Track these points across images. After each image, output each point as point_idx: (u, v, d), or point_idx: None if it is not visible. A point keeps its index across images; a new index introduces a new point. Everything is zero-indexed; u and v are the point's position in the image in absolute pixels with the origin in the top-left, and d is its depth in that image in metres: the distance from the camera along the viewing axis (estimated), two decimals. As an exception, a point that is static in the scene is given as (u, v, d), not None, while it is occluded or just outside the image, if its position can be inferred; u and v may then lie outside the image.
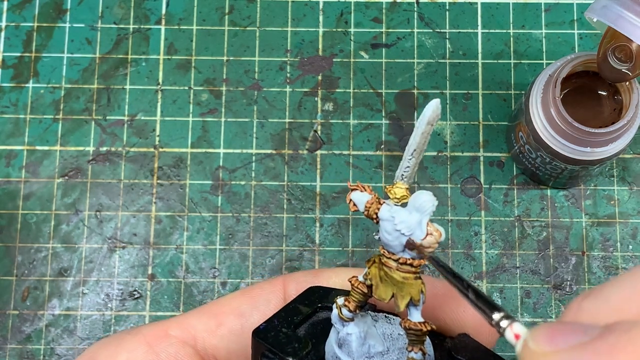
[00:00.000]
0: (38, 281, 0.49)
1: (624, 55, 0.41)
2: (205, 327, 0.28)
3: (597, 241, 0.49)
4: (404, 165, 0.23)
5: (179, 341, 0.27)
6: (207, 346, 0.28)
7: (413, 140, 0.22)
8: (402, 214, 0.22)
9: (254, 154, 0.50)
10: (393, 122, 0.51)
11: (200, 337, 0.27)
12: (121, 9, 0.53)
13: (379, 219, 0.22)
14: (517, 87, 0.51)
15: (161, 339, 0.27)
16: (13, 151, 0.51)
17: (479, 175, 0.50)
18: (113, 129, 0.51)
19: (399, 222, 0.22)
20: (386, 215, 0.22)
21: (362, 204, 0.23)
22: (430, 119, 0.22)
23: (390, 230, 0.22)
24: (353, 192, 0.23)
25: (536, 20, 0.52)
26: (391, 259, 0.22)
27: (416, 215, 0.22)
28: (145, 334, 0.27)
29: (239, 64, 0.52)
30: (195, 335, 0.28)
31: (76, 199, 0.50)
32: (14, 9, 0.52)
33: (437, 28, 0.52)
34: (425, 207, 0.21)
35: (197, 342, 0.27)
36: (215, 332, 0.28)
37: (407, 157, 0.23)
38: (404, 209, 0.22)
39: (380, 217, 0.22)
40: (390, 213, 0.22)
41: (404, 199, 0.23)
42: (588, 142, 0.42)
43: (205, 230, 0.49)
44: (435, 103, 0.22)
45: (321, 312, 0.26)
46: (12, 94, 0.51)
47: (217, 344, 0.28)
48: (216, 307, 0.28)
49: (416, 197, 0.22)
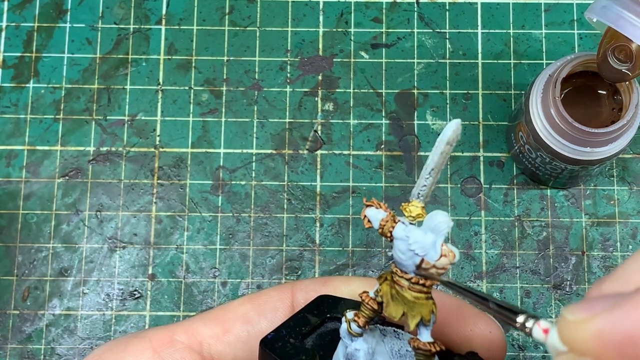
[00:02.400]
0: (38, 281, 0.49)
1: (623, 55, 0.41)
2: (211, 333, 0.28)
3: (597, 241, 0.49)
4: (421, 184, 0.23)
5: (185, 347, 0.27)
6: (213, 352, 0.27)
7: (431, 160, 0.22)
8: (417, 233, 0.22)
9: (254, 154, 0.50)
10: (393, 122, 0.51)
11: (206, 343, 0.27)
12: (121, 9, 0.53)
13: (393, 238, 0.22)
14: (517, 87, 0.51)
15: (167, 344, 0.27)
16: (13, 151, 0.51)
17: (479, 175, 0.50)
18: (113, 129, 0.51)
19: (413, 242, 0.22)
20: (401, 234, 0.22)
21: (377, 221, 0.23)
22: (450, 140, 0.22)
23: (404, 250, 0.22)
24: (368, 209, 0.23)
25: (536, 20, 0.52)
26: (403, 278, 0.22)
27: (431, 236, 0.22)
28: (151, 338, 0.27)
29: (239, 64, 0.52)
30: (202, 341, 0.27)
31: (76, 199, 0.50)
32: (15, 9, 0.52)
33: (437, 28, 0.52)
34: (440, 228, 0.21)
35: (203, 348, 0.27)
36: (221, 339, 0.27)
37: (424, 176, 0.22)
38: (419, 229, 0.22)
39: (395, 235, 0.22)
40: (404, 232, 0.22)
41: (419, 218, 0.23)
42: (588, 142, 0.42)
43: (205, 230, 0.49)
44: (455, 123, 0.22)
45: (330, 323, 0.25)
46: (13, 94, 0.51)
47: (223, 351, 0.27)
48: (223, 313, 0.28)
49: (432, 217, 0.22)
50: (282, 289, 0.28)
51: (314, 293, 0.27)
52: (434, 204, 0.49)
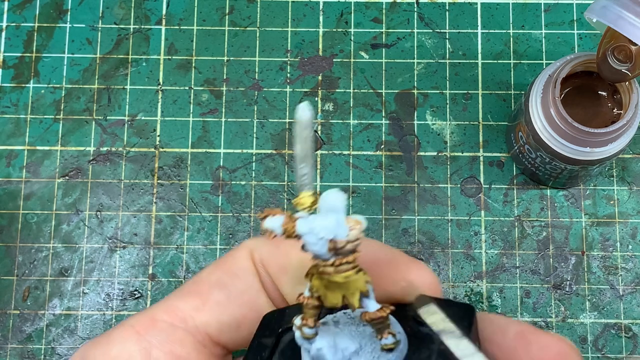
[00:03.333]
0: (39, 281, 0.49)
1: (623, 55, 0.41)
2: (191, 306, 0.28)
3: (596, 241, 0.49)
4: (300, 175, 0.23)
5: (169, 325, 0.27)
6: (198, 324, 0.28)
7: (298, 149, 0.22)
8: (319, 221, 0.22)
9: (254, 154, 0.50)
10: (393, 122, 0.51)
11: (189, 317, 0.28)
12: (122, 9, 0.53)
13: (299, 235, 0.22)
14: (517, 87, 0.51)
15: (150, 326, 0.27)
16: (14, 151, 0.51)
17: (478, 175, 0.50)
18: (113, 129, 0.51)
19: (318, 230, 0.22)
20: (304, 229, 0.22)
21: (278, 227, 0.23)
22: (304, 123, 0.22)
23: (315, 241, 0.22)
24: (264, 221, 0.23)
25: (536, 20, 0.52)
26: (327, 266, 0.22)
27: (332, 217, 0.22)
28: (133, 324, 0.27)
29: (239, 64, 0.52)
30: (184, 317, 0.28)
31: (77, 199, 0.50)
32: (15, 9, 0.53)
33: (437, 28, 0.52)
34: (336, 205, 0.22)
35: (187, 322, 0.27)
36: (202, 309, 0.28)
37: (299, 166, 0.22)
38: (319, 216, 0.22)
39: (300, 233, 0.22)
40: (307, 225, 0.22)
41: (314, 205, 0.23)
42: (588, 142, 0.42)
43: (205, 230, 0.49)
44: (302, 106, 0.22)
45: (285, 336, 0.25)
46: (13, 94, 0.51)
47: (207, 320, 0.28)
48: (197, 286, 0.28)
49: (324, 199, 0.22)
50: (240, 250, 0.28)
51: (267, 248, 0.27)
52: (434, 204, 0.49)
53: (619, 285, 0.48)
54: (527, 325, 0.25)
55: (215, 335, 0.28)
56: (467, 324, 0.23)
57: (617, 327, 0.48)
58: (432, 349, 0.23)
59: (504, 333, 0.25)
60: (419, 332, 0.24)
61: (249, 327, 0.27)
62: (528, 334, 0.25)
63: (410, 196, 0.50)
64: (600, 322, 0.48)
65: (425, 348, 0.23)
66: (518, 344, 0.24)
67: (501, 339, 0.25)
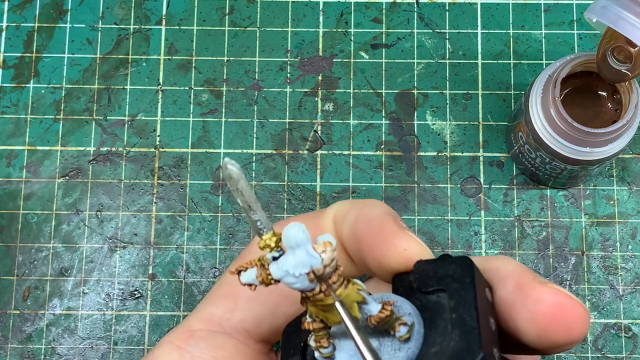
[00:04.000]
0: (39, 281, 0.49)
1: (623, 55, 0.41)
2: (224, 309, 0.28)
3: (596, 241, 0.49)
4: (254, 221, 0.22)
5: (207, 333, 0.27)
6: (235, 324, 0.28)
7: (240, 201, 0.22)
8: (289, 260, 0.22)
9: (254, 154, 0.50)
10: (393, 122, 0.51)
11: (224, 320, 0.28)
12: (122, 10, 0.53)
13: (277, 281, 0.22)
14: (517, 88, 0.51)
15: (189, 338, 0.27)
16: (14, 151, 0.51)
17: (478, 175, 0.50)
18: (113, 129, 0.51)
19: (292, 268, 0.21)
20: (279, 273, 0.22)
21: (254, 279, 0.22)
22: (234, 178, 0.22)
23: (294, 280, 0.22)
24: (240, 278, 0.23)
25: (536, 20, 0.52)
26: (316, 295, 0.22)
27: (300, 251, 0.21)
28: (171, 340, 0.28)
29: (239, 64, 0.52)
30: (219, 321, 0.28)
31: (77, 199, 0.50)
32: (15, 9, 0.53)
33: (437, 28, 0.52)
34: (299, 239, 0.21)
35: (224, 325, 0.28)
36: (236, 308, 0.28)
37: (251, 215, 0.22)
38: (287, 255, 0.22)
39: (277, 278, 0.22)
40: (280, 268, 0.22)
41: (279, 242, 0.22)
42: (587, 142, 0.42)
43: (205, 230, 0.49)
44: (225, 162, 0.21)
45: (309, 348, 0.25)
46: (13, 94, 0.51)
47: (243, 317, 0.28)
48: (225, 287, 0.28)
49: (286, 237, 0.21)
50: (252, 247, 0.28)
51: None
52: (434, 204, 0.49)
53: (619, 285, 0.48)
54: (525, 274, 0.24)
55: (253, 330, 0.28)
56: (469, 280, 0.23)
57: (617, 327, 0.48)
58: (445, 319, 0.23)
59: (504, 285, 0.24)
60: (428, 303, 0.24)
61: (284, 312, 0.28)
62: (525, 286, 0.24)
63: (410, 196, 0.50)
64: (600, 322, 0.48)
65: (439, 319, 0.23)
66: (516, 297, 0.24)
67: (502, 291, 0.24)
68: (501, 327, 0.24)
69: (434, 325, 0.23)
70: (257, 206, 0.22)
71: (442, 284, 0.23)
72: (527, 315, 0.23)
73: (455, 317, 0.22)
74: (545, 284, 0.24)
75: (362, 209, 0.27)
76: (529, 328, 0.23)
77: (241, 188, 0.22)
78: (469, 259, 0.24)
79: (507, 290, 0.24)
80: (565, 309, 0.23)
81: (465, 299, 0.22)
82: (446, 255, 0.24)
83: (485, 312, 0.23)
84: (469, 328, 0.22)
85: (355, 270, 0.28)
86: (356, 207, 0.27)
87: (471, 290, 0.23)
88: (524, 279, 0.24)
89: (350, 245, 0.27)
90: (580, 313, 0.23)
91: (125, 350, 0.48)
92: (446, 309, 0.23)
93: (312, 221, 0.28)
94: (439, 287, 0.24)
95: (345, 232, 0.27)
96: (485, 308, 0.23)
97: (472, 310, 0.22)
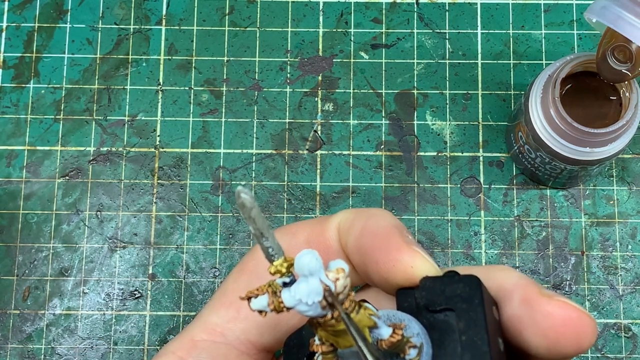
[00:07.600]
0: (39, 281, 0.49)
1: (623, 55, 0.41)
2: (226, 319, 0.27)
3: (596, 241, 0.49)
4: (265, 248, 0.22)
5: (210, 343, 0.27)
6: (238, 334, 0.27)
7: (252, 228, 0.22)
8: (302, 287, 0.21)
9: (254, 154, 0.50)
10: (393, 122, 0.51)
11: (227, 330, 0.27)
12: (122, 10, 0.53)
13: (289, 308, 0.22)
14: (517, 88, 0.51)
15: (191, 349, 0.27)
16: (14, 151, 0.51)
17: (478, 175, 0.50)
18: (113, 129, 0.51)
19: (305, 296, 0.21)
20: (292, 301, 0.21)
21: (266, 306, 0.22)
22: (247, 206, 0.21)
23: (307, 308, 0.21)
24: (251, 304, 0.22)
25: (536, 20, 0.52)
26: (327, 321, 0.22)
27: (313, 279, 0.21)
28: (174, 351, 0.27)
29: (239, 65, 0.52)
30: (222, 331, 0.27)
31: (77, 199, 0.50)
32: (15, 9, 0.53)
33: (437, 28, 0.52)
34: (312, 267, 0.21)
35: (227, 335, 0.27)
36: (238, 318, 0.27)
37: (263, 242, 0.22)
38: (300, 282, 0.21)
39: (289, 306, 0.21)
40: (292, 296, 0.21)
41: (290, 268, 0.22)
42: (587, 142, 0.42)
43: (205, 230, 0.49)
44: (239, 190, 0.21)
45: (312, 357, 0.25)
46: (13, 94, 0.51)
47: (246, 327, 0.27)
48: (226, 296, 0.28)
49: (298, 265, 0.21)
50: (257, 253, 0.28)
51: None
52: (434, 204, 0.49)
53: (619, 285, 0.48)
54: (532, 288, 0.24)
55: (257, 341, 0.28)
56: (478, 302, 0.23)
57: (616, 327, 0.48)
58: (454, 340, 0.23)
59: (510, 300, 0.24)
60: (435, 322, 0.24)
61: (286, 323, 0.27)
62: (532, 301, 0.23)
63: (410, 196, 0.50)
64: (600, 322, 0.48)
65: (448, 340, 0.23)
66: (523, 312, 0.23)
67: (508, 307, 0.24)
68: (508, 341, 0.24)
69: (443, 346, 0.23)
70: (269, 233, 0.22)
71: (450, 303, 0.23)
72: (536, 330, 0.23)
73: (465, 339, 0.22)
74: (551, 297, 0.23)
75: (367, 220, 0.26)
76: (539, 342, 0.23)
77: (254, 216, 0.21)
78: (477, 279, 0.23)
79: (513, 306, 0.24)
80: (574, 321, 0.23)
81: (476, 322, 0.22)
82: (453, 272, 0.24)
83: (494, 334, 0.23)
84: (480, 352, 0.22)
85: (357, 279, 0.27)
86: (362, 218, 0.27)
87: (481, 313, 0.22)
88: (530, 293, 0.24)
89: (355, 257, 0.27)
90: (589, 323, 0.23)
91: (125, 350, 0.48)
92: (455, 329, 0.23)
93: (316, 228, 0.28)
94: (447, 307, 0.23)
95: (350, 243, 0.27)
96: (494, 329, 0.23)
97: (483, 334, 0.22)
